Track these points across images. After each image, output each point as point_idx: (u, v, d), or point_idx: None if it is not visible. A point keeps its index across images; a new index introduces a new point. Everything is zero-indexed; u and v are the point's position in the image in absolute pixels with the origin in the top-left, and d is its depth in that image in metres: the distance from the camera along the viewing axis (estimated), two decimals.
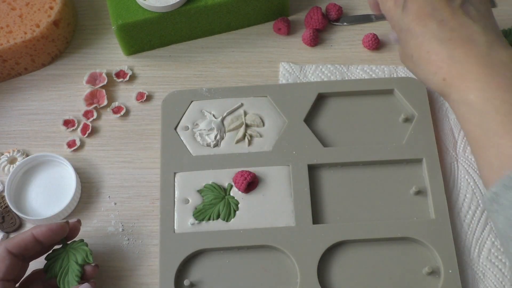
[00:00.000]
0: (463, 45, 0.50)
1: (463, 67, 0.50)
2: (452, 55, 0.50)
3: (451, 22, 0.51)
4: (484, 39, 0.51)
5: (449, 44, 0.51)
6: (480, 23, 0.52)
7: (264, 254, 0.60)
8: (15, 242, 0.54)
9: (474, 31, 0.51)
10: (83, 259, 0.57)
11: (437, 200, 0.61)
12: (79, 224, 0.59)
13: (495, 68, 0.49)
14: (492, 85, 0.48)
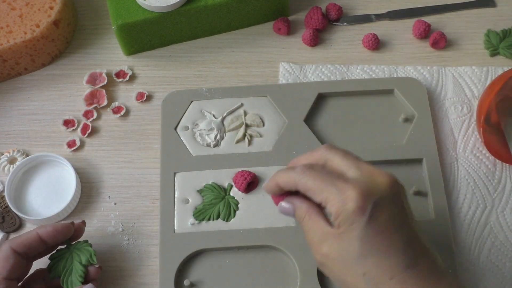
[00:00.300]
0: (430, 275, 0.45)
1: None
2: (419, 287, 0.45)
3: (415, 243, 0.46)
4: (443, 270, 0.46)
5: (415, 272, 0.45)
6: (430, 245, 0.47)
7: (264, 254, 0.60)
8: (20, 241, 0.54)
9: (435, 256, 0.47)
10: (87, 260, 0.57)
11: (437, 200, 0.61)
12: (84, 225, 0.59)
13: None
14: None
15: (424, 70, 0.69)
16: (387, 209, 0.46)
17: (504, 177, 0.64)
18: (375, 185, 0.46)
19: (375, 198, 0.45)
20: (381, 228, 0.45)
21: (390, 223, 0.46)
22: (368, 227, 0.45)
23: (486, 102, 0.62)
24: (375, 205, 0.45)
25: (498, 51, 0.71)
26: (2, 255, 0.54)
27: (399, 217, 0.46)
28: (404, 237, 0.46)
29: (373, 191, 0.46)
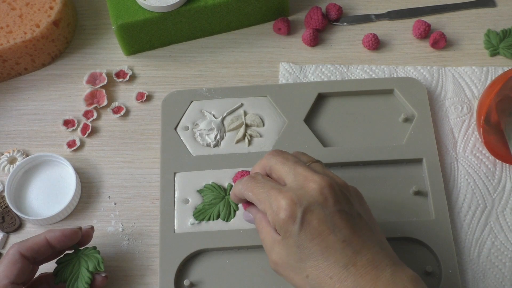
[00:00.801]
0: (369, 272, 0.47)
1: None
2: (359, 284, 0.46)
3: (354, 242, 0.48)
4: (386, 262, 0.48)
5: (354, 270, 0.47)
6: (377, 242, 0.49)
7: (264, 254, 0.60)
8: (28, 245, 0.54)
9: (376, 252, 0.48)
10: (95, 267, 0.56)
11: (437, 200, 0.61)
12: (92, 231, 0.59)
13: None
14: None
15: (424, 70, 0.69)
16: (318, 214, 0.48)
17: (504, 177, 0.64)
18: (304, 191, 0.49)
19: (304, 205, 0.48)
20: (315, 232, 0.48)
21: (324, 226, 0.48)
22: (301, 233, 0.48)
23: (486, 102, 0.62)
24: (305, 211, 0.48)
25: (498, 51, 0.71)
26: (10, 259, 0.53)
27: (332, 218, 0.48)
28: (341, 237, 0.48)
29: (302, 198, 0.49)
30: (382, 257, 0.48)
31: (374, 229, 0.51)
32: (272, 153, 0.54)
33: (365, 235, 0.49)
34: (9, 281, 0.53)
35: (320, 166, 0.53)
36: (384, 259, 0.48)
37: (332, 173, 0.53)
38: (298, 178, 0.50)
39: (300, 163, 0.52)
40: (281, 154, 0.53)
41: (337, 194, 0.49)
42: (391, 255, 0.49)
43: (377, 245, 0.49)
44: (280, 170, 0.52)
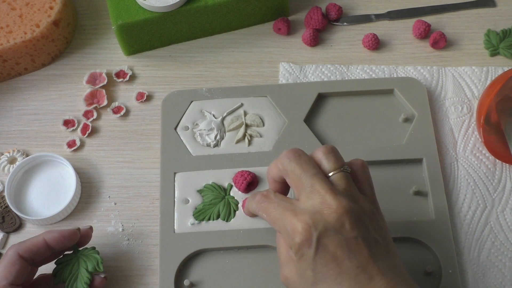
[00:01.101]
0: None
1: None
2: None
3: (369, 268, 0.47)
4: (402, 287, 0.47)
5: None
6: (393, 268, 0.48)
7: (264, 254, 0.60)
8: (26, 247, 0.54)
9: (391, 278, 0.47)
10: (94, 267, 0.56)
11: (437, 200, 0.61)
12: (91, 231, 0.59)
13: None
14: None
15: (424, 70, 0.69)
16: (334, 239, 0.47)
17: (504, 177, 0.64)
18: (321, 216, 0.48)
19: (320, 230, 0.47)
20: (330, 257, 0.47)
21: (339, 251, 0.47)
22: (317, 257, 0.47)
23: (486, 102, 0.62)
24: (320, 236, 0.47)
25: (498, 51, 0.71)
26: (8, 260, 0.53)
27: (348, 244, 0.47)
28: (355, 263, 0.47)
29: (318, 223, 0.48)
30: (397, 284, 0.47)
31: (391, 253, 0.49)
32: (289, 156, 0.51)
33: (380, 261, 0.48)
34: (7, 282, 0.52)
35: (342, 178, 0.50)
36: (399, 285, 0.47)
37: (354, 189, 0.50)
38: (315, 198, 0.49)
39: (319, 177, 0.50)
40: (299, 160, 0.51)
41: (354, 219, 0.48)
42: (406, 280, 0.48)
43: (392, 271, 0.48)
44: (296, 181, 0.50)
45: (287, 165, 0.51)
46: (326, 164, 0.51)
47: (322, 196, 0.48)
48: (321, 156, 0.51)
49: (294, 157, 0.51)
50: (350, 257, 0.47)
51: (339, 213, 0.48)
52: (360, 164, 0.53)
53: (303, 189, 0.50)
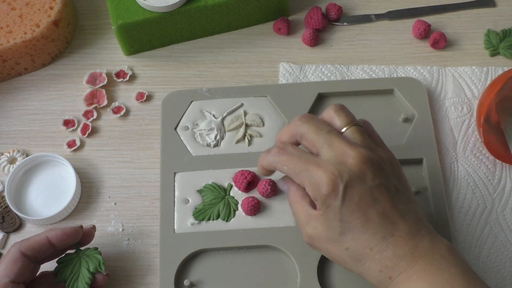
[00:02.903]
0: (407, 241, 0.48)
1: (410, 266, 0.48)
2: (398, 253, 0.48)
3: (392, 214, 0.49)
4: (423, 232, 0.49)
5: (392, 240, 0.48)
6: (414, 213, 0.50)
7: (264, 254, 0.60)
8: (29, 244, 0.54)
9: (413, 223, 0.49)
10: (95, 268, 0.56)
11: (437, 200, 0.61)
12: (94, 230, 0.59)
13: (440, 266, 0.48)
14: (438, 285, 0.47)
15: (424, 70, 0.69)
16: (358, 188, 0.49)
17: (504, 177, 0.64)
18: (344, 166, 0.49)
19: (346, 180, 0.49)
20: (356, 206, 0.49)
21: (364, 200, 0.49)
22: (343, 208, 0.49)
23: (486, 102, 0.62)
24: (346, 186, 0.49)
25: (498, 51, 0.71)
26: (11, 258, 0.53)
27: (372, 193, 0.49)
28: (380, 210, 0.49)
29: (343, 173, 0.49)
30: (419, 228, 0.49)
31: (410, 200, 0.51)
32: (301, 119, 0.52)
33: (402, 207, 0.50)
34: (9, 280, 0.53)
35: (356, 132, 0.52)
36: (421, 229, 0.49)
37: (368, 141, 0.52)
38: (335, 151, 0.50)
39: (334, 133, 0.51)
40: (312, 120, 0.52)
41: (375, 168, 0.50)
42: (427, 225, 0.51)
43: (414, 216, 0.50)
44: (313, 140, 0.51)
45: (300, 127, 0.52)
46: (338, 120, 0.53)
47: (342, 149, 0.50)
48: (332, 114, 0.53)
49: (306, 119, 0.52)
50: (375, 205, 0.49)
51: (361, 162, 0.49)
52: (365, 121, 0.55)
53: (321, 146, 0.51)
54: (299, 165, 0.51)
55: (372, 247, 0.49)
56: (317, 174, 0.49)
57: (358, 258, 0.49)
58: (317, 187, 0.49)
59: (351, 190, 0.49)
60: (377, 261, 0.49)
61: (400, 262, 0.48)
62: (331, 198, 0.49)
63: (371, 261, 0.49)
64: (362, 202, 0.49)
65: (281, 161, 0.52)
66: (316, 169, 0.49)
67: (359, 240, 0.49)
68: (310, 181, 0.50)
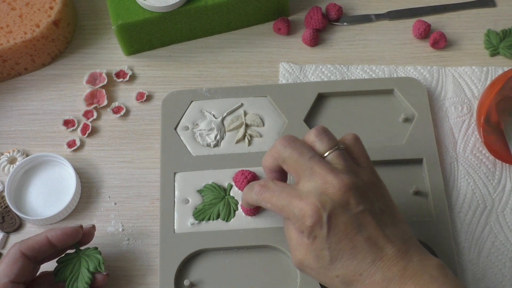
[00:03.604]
0: (396, 263, 0.48)
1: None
2: (387, 277, 0.48)
3: (379, 238, 0.49)
4: (411, 252, 0.49)
5: (381, 264, 0.48)
6: (401, 234, 0.50)
7: (264, 254, 0.60)
8: (29, 244, 0.54)
9: (400, 244, 0.49)
10: (95, 267, 0.56)
11: (437, 200, 0.61)
12: (94, 230, 0.59)
13: (429, 286, 0.47)
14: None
15: (424, 70, 0.70)
16: (342, 216, 0.49)
17: (504, 177, 0.64)
18: (326, 196, 0.49)
19: (328, 210, 0.49)
20: (342, 234, 0.49)
21: (349, 227, 0.49)
22: (330, 237, 0.49)
23: (486, 102, 0.62)
24: (330, 216, 0.49)
25: (498, 51, 0.71)
26: (10, 258, 0.53)
27: (357, 219, 0.49)
28: (366, 235, 0.49)
29: (325, 203, 0.49)
30: (408, 248, 0.49)
31: (397, 220, 0.51)
32: (283, 143, 0.52)
33: (388, 229, 0.50)
34: (9, 280, 0.53)
35: (338, 157, 0.51)
36: (410, 249, 0.49)
37: (351, 164, 0.51)
38: (316, 179, 0.50)
39: (316, 158, 0.51)
40: (294, 145, 0.52)
41: (358, 194, 0.49)
42: (416, 245, 0.50)
43: (401, 237, 0.50)
44: (295, 166, 0.51)
45: (283, 152, 0.52)
46: (320, 145, 0.52)
47: (323, 177, 0.49)
48: (314, 138, 0.52)
49: (288, 143, 0.52)
50: (361, 231, 0.49)
51: (343, 190, 0.49)
52: (353, 138, 0.54)
53: (303, 173, 0.50)
54: (281, 200, 0.51)
55: (362, 272, 0.48)
56: (300, 207, 0.49)
57: (349, 284, 0.49)
58: (301, 220, 0.49)
59: (335, 219, 0.49)
60: (367, 286, 0.48)
61: (389, 285, 0.48)
62: (316, 229, 0.49)
63: (361, 286, 0.49)
64: (348, 229, 0.49)
65: (264, 198, 0.52)
66: (298, 202, 0.49)
67: (349, 267, 0.49)
68: (294, 214, 0.50)
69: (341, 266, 0.49)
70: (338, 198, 0.49)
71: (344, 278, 0.49)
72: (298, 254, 0.51)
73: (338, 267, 0.49)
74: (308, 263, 0.51)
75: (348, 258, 0.49)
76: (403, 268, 0.48)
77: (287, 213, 0.50)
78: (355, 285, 0.49)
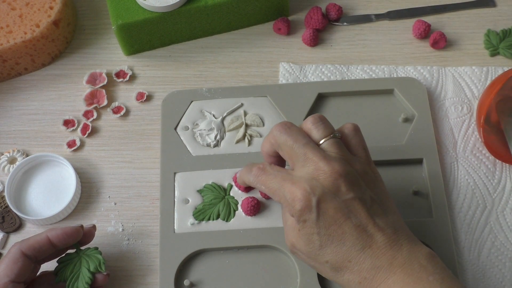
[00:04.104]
0: (385, 252, 0.49)
1: (388, 277, 0.48)
2: (376, 265, 0.48)
3: (368, 226, 0.49)
4: (401, 241, 0.49)
5: (370, 252, 0.49)
6: (391, 223, 0.50)
7: (264, 254, 0.60)
8: (29, 244, 0.54)
9: (390, 233, 0.50)
10: (96, 267, 0.56)
11: (437, 200, 0.61)
12: (94, 230, 0.59)
13: (418, 275, 0.48)
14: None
15: (424, 70, 0.70)
16: (332, 202, 0.49)
17: (504, 177, 0.64)
18: (317, 181, 0.50)
19: (318, 195, 0.49)
20: (331, 220, 0.49)
21: (339, 213, 0.49)
22: (319, 221, 0.49)
23: (486, 102, 0.62)
24: (319, 201, 0.49)
25: (498, 51, 0.71)
26: (11, 258, 0.54)
27: (347, 206, 0.50)
28: (356, 222, 0.49)
29: (315, 188, 0.49)
30: (398, 237, 0.50)
31: (388, 210, 0.51)
32: (280, 129, 0.53)
33: (378, 218, 0.50)
34: (9, 280, 0.53)
35: (333, 145, 0.52)
36: (399, 238, 0.50)
37: (345, 153, 0.52)
38: (309, 165, 0.50)
39: (310, 146, 0.51)
40: (290, 131, 0.52)
41: (349, 181, 0.50)
42: (407, 234, 0.51)
43: (391, 226, 0.50)
44: (289, 152, 0.52)
45: (278, 137, 0.53)
46: (315, 133, 0.53)
47: (316, 163, 0.50)
48: (310, 126, 0.53)
49: (284, 130, 0.53)
50: (350, 218, 0.49)
51: (334, 177, 0.50)
52: (352, 128, 0.54)
53: (297, 158, 0.51)
54: (275, 183, 0.52)
55: (351, 259, 0.49)
56: (291, 191, 0.50)
57: (338, 270, 0.50)
58: (292, 204, 0.50)
59: (324, 204, 0.49)
60: (356, 273, 0.49)
61: (378, 273, 0.48)
62: (305, 213, 0.49)
63: (350, 273, 0.49)
64: (337, 215, 0.49)
65: (260, 181, 0.53)
66: (290, 186, 0.50)
67: (338, 253, 0.49)
68: (286, 198, 0.51)
69: (330, 251, 0.50)
70: (328, 184, 0.49)
71: (334, 264, 0.50)
72: (290, 237, 0.52)
73: (327, 252, 0.50)
74: (299, 247, 0.52)
75: (337, 244, 0.49)
76: (392, 256, 0.49)
77: (279, 196, 0.51)
78: (344, 271, 0.50)
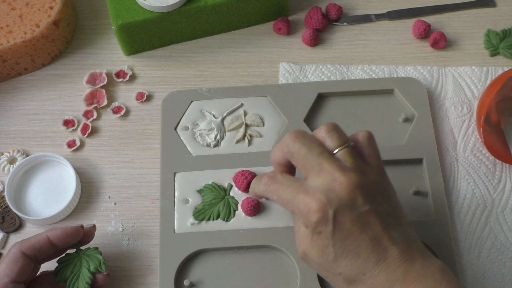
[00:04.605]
0: (400, 266, 0.48)
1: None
2: (391, 278, 0.48)
3: (384, 239, 0.49)
4: (415, 255, 0.49)
5: (385, 265, 0.48)
6: (406, 237, 0.50)
7: (264, 254, 0.60)
8: (30, 244, 0.54)
9: (405, 247, 0.49)
10: (96, 268, 0.56)
11: (437, 200, 0.61)
12: (94, 229, 0.59)
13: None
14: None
15: (424, 70, 0.70)
16: (349, 215, 0.48)
17: (504, 177, 0.64)
18: (333, 193, 0.49)
19: (334, 207, 0.48)
20: (347, 232, 0.48)
21: (355, 226, 0.48)
22: (335, 234, 0.48)
23: (486, 102, 0.62)
24: (336, 213, 0.48)
25: (498, 51, 0.71)
26: (11, 258, 0.54)
27: (362, 218, 0.49)
28: (371, 235, 0.49)
29: (332, 200, 0.48)
30: (412, 250, 0.49)
31: (402, 222, 0.51)
32: (293, 138, 0.51)
33: (393, 231, 0.49)
34: (9, 280, 0.53)
35: (348, 154, 0.50)
36: (413, 252, 0.49)
37: (360, 163, 0.51)
38: (324, 176, 0.49)
39: (324, 155, 0.50)
40: (304, 140, 0.51)
41: (365, 193, 0.49)
42: (420, 247, 0.50)
43: (406, 239, 0.50)
44: (302, 161, 0.50)
45: (292, 146, 0.51)
46: (329, 142, 0.51)
47: (331, 174, 0.49)
48: (324, 135, 0.52)
49: (297, 138, 0.51)
50: (366, 230, 0.49)
51: (350, 188, 0.49)
52: (366, 136, 0.53)
53: (311, 168, 0.50)
54: (288, 194, 0.50)
55: (365, 272, 0.48)
56: (306, 202, 0.49)
57: (351, 283, 0.49)
58: (307, 215, 0.49)
59: (341, 216, 0.48)
60: (370, 286, 0.48)
61: (393, 286, 0.48)
62: (322, 225, 0.48)
63: (363, 286, 0.49)
64: (353, 228, 0.48)
65: (271, 190, 0.52)
66: (305, 197, 0.49)
67: (353, 266, 0.49)
68: (300, 209, 0.49)
69: (345, 264, 0.49)
70: (345, 196, 0.48)
71: (347, 277, 0.49)
72: (303, 246, 0.51)
73: (342, 265, 0.49)
74: (312, 256, 0.50)
75: (352, 257, 0.49)
76: (406, 270, 0.48)
77: (293, 207, 0.50)
78: (357, 284, 0.49)
